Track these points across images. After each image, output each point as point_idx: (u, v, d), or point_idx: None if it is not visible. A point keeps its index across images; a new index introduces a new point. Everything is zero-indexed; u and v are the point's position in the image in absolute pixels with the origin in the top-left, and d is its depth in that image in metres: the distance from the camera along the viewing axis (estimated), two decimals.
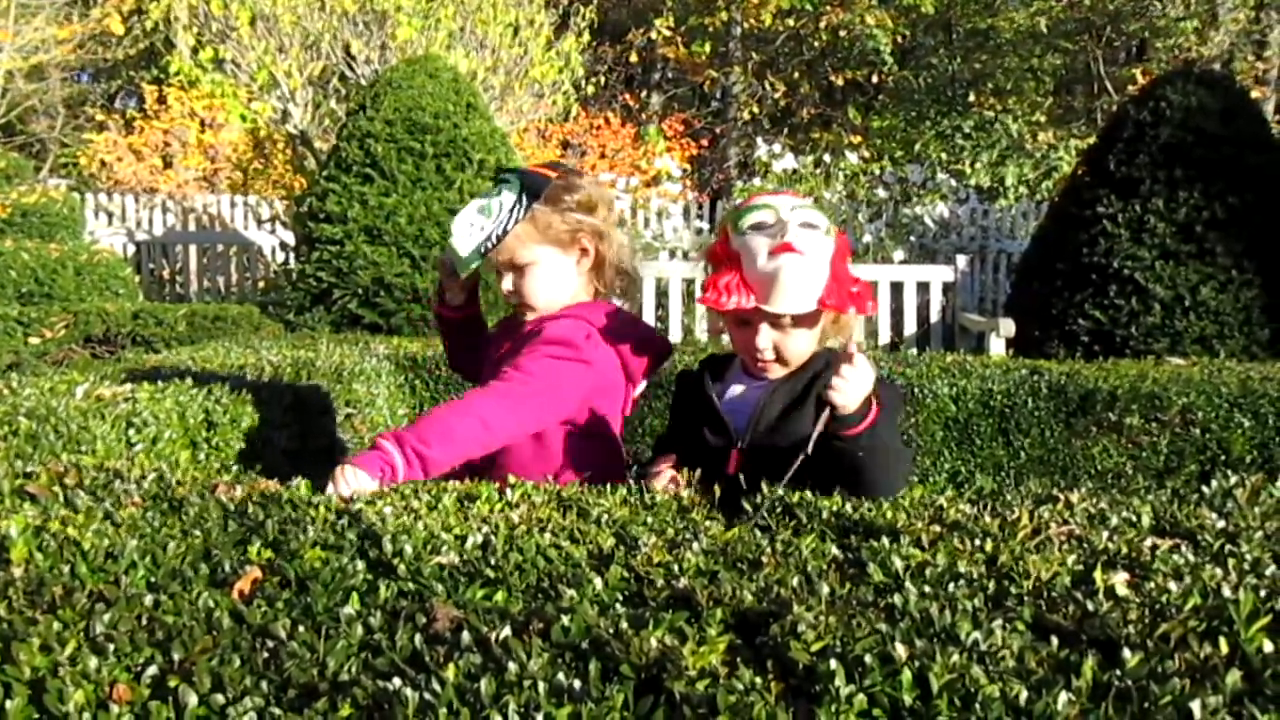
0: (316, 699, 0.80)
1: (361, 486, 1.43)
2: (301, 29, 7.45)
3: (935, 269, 6.44)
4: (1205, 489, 1.38)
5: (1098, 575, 1.01)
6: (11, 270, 5.64)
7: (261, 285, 8.88)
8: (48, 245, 6.01)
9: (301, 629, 0.90)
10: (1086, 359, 4.23)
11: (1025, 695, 0.77)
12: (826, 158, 8.55)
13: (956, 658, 0.81)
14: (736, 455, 1.56)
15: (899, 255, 7.46)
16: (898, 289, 6.14)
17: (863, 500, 1.28)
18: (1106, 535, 1.15)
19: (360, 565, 1.05)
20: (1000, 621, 0.90)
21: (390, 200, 5.08)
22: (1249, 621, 0.88)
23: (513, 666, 0.81)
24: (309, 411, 2.58)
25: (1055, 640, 0.86)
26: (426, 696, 0.78)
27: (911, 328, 6.11)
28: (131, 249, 9.24)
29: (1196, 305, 4.65)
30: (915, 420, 3.44)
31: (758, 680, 0.80)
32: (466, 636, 0.87)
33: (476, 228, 1.75)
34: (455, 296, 1.93)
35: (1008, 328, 5.15)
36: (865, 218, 8.03)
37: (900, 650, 0.82)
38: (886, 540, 1.13)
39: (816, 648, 0.84)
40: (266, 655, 0.86)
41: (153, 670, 0.84)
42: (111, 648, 0.86)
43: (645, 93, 17.44)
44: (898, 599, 0.95)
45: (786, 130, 16.14)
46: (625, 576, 1.04)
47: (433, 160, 5.19)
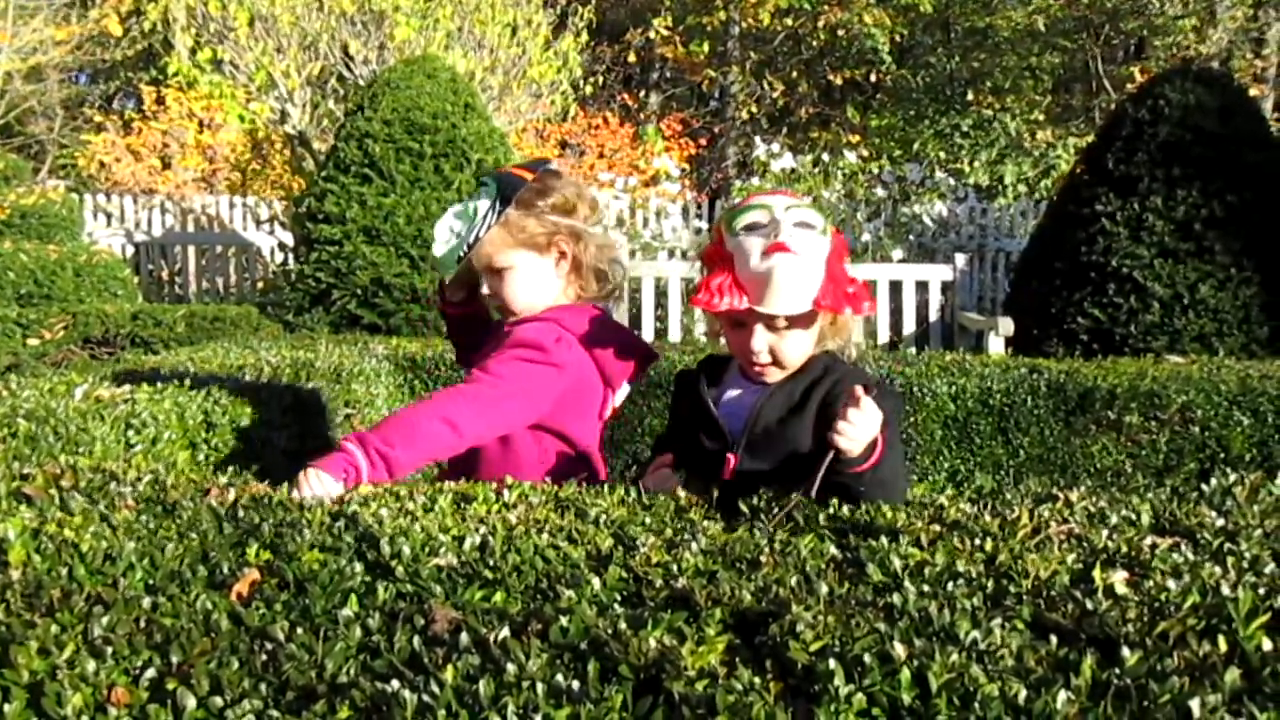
0: (315, 701, 0.80)
1: (326, 490, 1.42)
2: (299, 29, 7.44)
3: (934, 268, 6.44)
4: (1204, 487, 1.38)
5: (1097, 574, 1.01)
6: (10, 271, 5.63)
7: (260, 286, 8.87)
8: (46, 246, 6.01)
9: (300, 631, 0.90)
10: (1085, 357, 4.24)
11: (1024, 694, 0.77)
12: (825, 157, 8.54)
13: (955, 657, 0.81)
14: (732, 459, 1.53)
15: (898, 254, 7.46)
16: (896, 288, 6.14)
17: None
18: (1106, 534, 1.15)
19: (358, 567, 1.05)
20: (999, 620, 0.90)
21: (389, 200, 5.08)
22: (1248, 620, 0.88)
23: (511, 667, 0.81)
24: (308, 412, 2.58)
25: (1054, 639, 0.86)
26: (425, 698, 0.78)
27: (910, 327, 6.11)
28: (130, 250, 9.24)
29: (1195, 303, 4.65)
30: (915, 419, 3.44)
31: (757, 680, 0.80)
32: (465, 638, 0.87)
33: (454, 233, 1.77)
34: (454, 294, 1.94)
35: (1006, 326, 5.15)
36: (864, 217, 8.02)
37: (899, 649, 0.82)
38: (885, 540, 1.13)
39: (815, 647, 0.84)
40: (265, 657, 0.86)
41: (151, 673, 0.84)
42: (110, 650, 0.86)
43: (643, 92, 17.44)
44: (896, 598, 0.95)
45: (785, 129, 16.13)
46: (624, 577, 1.04)
47: (431, 160, 5.19)
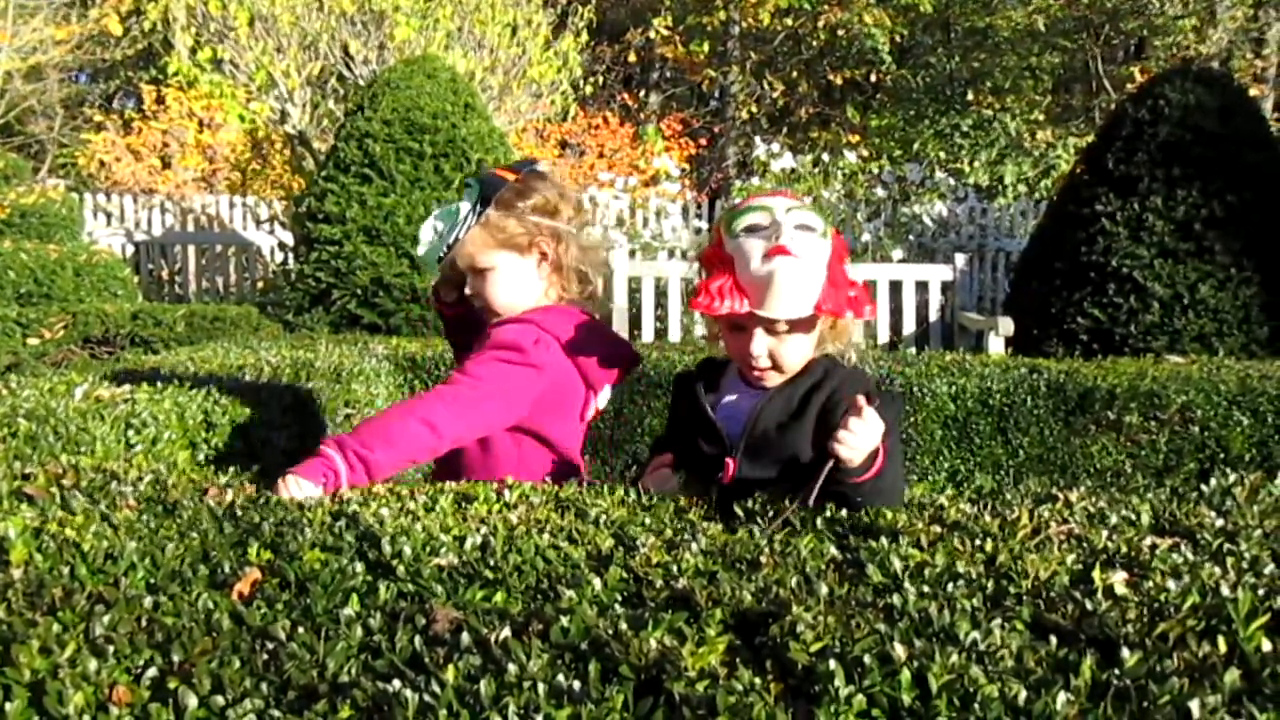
0: (316, 700, 0.80)
1: (306, 494, 1.41)
2: (299, 29, 7.44)
3: (934, 268, 6.43)
4: (1204, 487, 1.38)
5: (1096, 574, 1.02)
6: (10, 271, 5.63)
7: (260, 286, 8.87)
8: (46, 246, 6.01)
9: (301, 630, 0.90)
10: (1085, 357, 4.24)
11: (1024, 695, 0.77)
12: (825, 157, 8.54)
13: (955, 658, 0.82)
14: (731, 465, 1.51)
15: (898, 254, 7.46)
16: (896, 288, 6.14)
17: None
18: (1106, 534, 1.15)
19: (359, 567, 1.05)
20: (999, 621, 0.90)
21: (389, 200, 5.08)
22: (1248, 620, 0.88)
23: (512, 668, 0.81)
24: (308, 412, 2.58)
25: (1054, 640, 0.86)
26: (426, 698, 0.78)
27: (910, 326, 6.11)
28: (130, 249, 9.24)
29: (1195, 303, 4.65)
30: (915, 419, 3.44)
31: (757, 681, 0.81)
32: (466, 638, 0.87)
33: (436, 233, 1.79)
34: (447, 294, 1.96)
35: (1006, 326, 5.15)
36: (864, 217, 8.02)
37: (899, 650, 0.82)
38: (885, 540, 1.13)
39: (815, 648, 0.84)
40: (266, 657, 0.86)
41: (152, 672, 0.84)
42: (111, 649, 0.86)
43: (643, 92, 17.44)
44: (896, 599, 0.95)
45: (785, 129, 16.13)
46: (624, 577, 1.04)
47: (431, 160, 5.19)
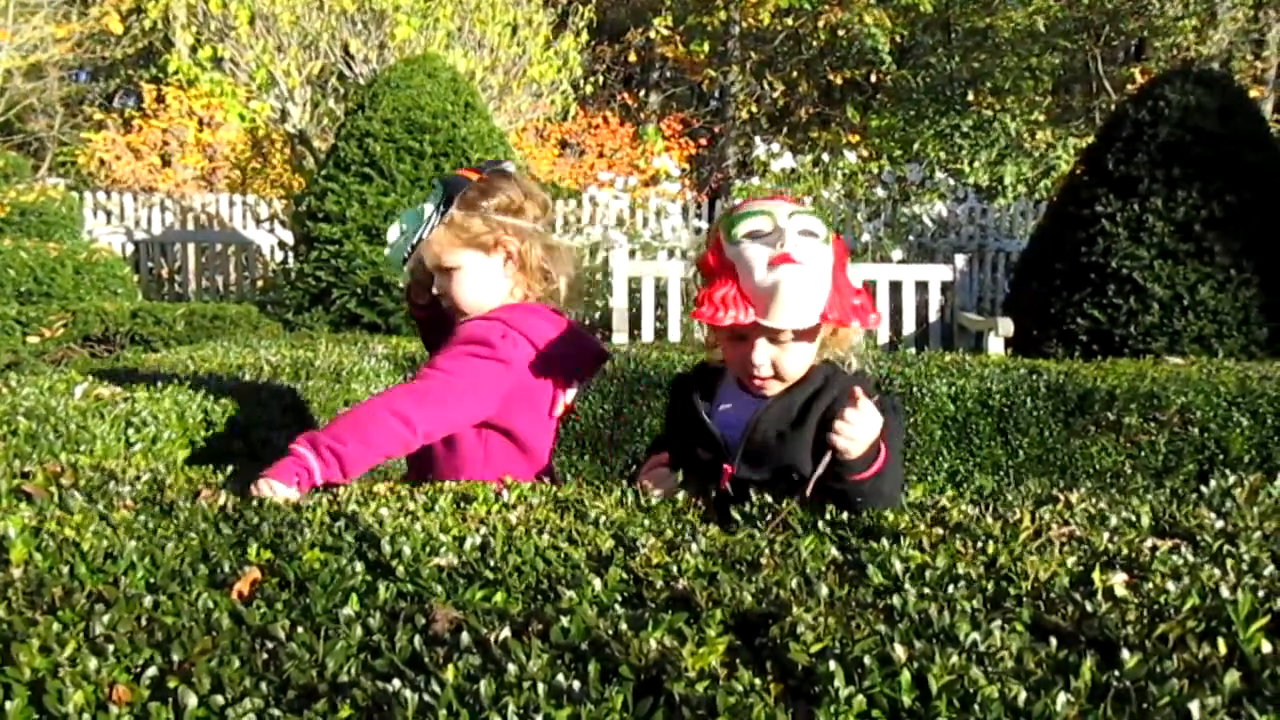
0: (316, 700, 0.80)
1: (280, 496, 1.39)
2: (300, 28, 7.44)
3: (934, 268, 6.43)
4: (1204, 488, 1.38)
5: (1096, 576, 1.02)
6: (10, 269, 5.63)
7: (260, 284, 8.87)
8: (46, 244, 6.01)
9: (301, 630, 0.90)
10: (1085, 358, 4.24)
11: (1024, 696, 0.77)
12: (825, 157, 8.54)
13: (955, 659, 0.82)
14: (729, 471, 1.49)
15: (897, 254, 7.46)
16: (896, 288, 6.14)
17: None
18: (1107, 536, 1.15)
19: (359, 566, 1.05)
20: (999, 622, 0.90)
21: (389, 199, 5.08)
22: (1247, 622, 0.88)
23: (512, 668, 0.81)
24: (308, 412, 2.58)
25: (1054, 641, 0.86)
26: (426, 698, 0.78)
27: (910, 327, 6.11)
28: (130, 248, 9.24)
29: (1195, 304, 4.65)
30: (914, 419, 3.44)
31: (757, 681, 0.81)
32: (466, 638, 0.87)
33: (402, 235, 1.80)
34: (419, 296, 1.96)
35: (1006, 327, 5.15)
36: (864, 217, 8.02)
37: (899, 651, 0.82)
38: (886, 542, 1.13)
39: (816, 649, 0.84)
40: (266, 656, 0.86)
41: (152, 671, 0.84)
42: (111, 649, 0.86)
43: (644, 92, 17.45)
44: (897, 600, 0.95)
45: (785, 129, 16.12)
46: (624, 578, 1.04)
47: (431, 160, 5.19)
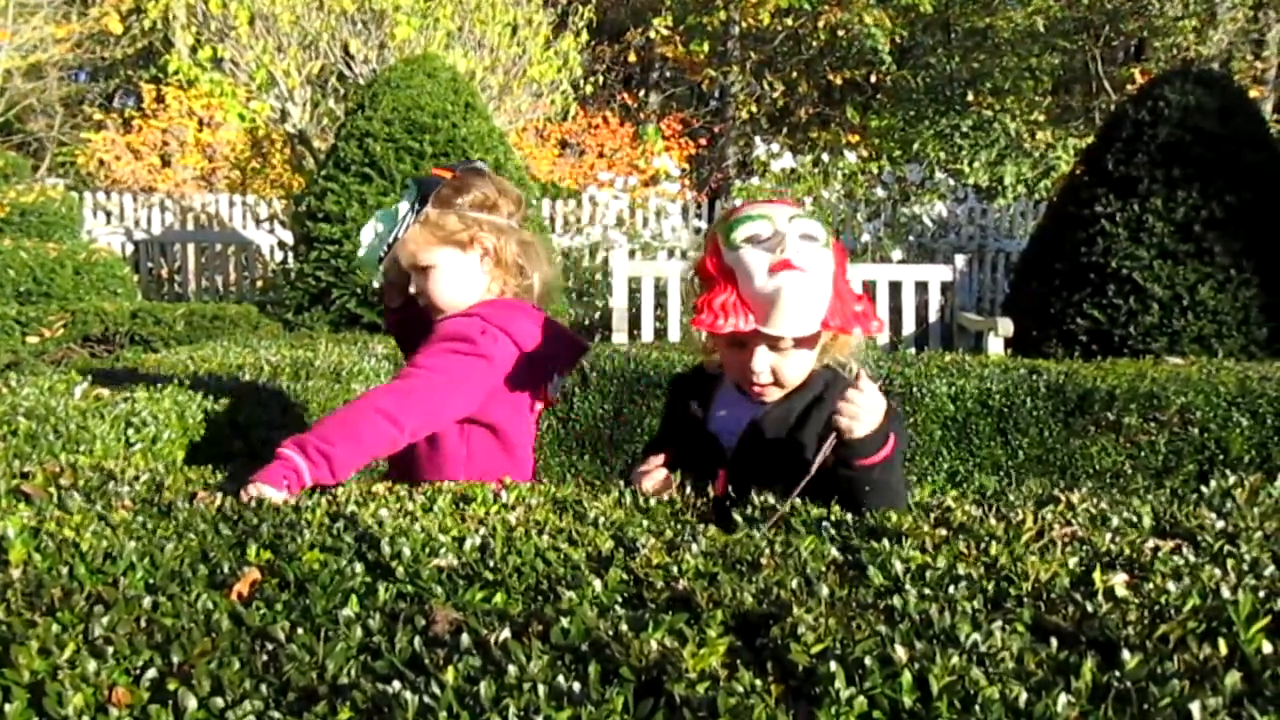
0: (316, 702, 0.80)
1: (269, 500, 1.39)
2: (300, 28, 7.44)
3: (933, 268, 6.43)
4: (1204, 488, 1.38)
5: (1097, 576, 1.01)
6: (10, 269, 5.63)
7: (260, 284, 8.86)
8: (46, 244, 6.00)
9: (300, 631, 0.90)
10: (1085, 358, 4.23)
11: (1025, 697, 0.77)
12: (825, 157, 8.55)
13: (956, 660, 0.81)
14: (724, 475, 1.46)
15: (897, 254, 7.46)
16: (896, 288, 6.14)
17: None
18: (1109, 537, 1.15)
19: (359, 567, 1.05)
20: (1000, 623, 0.90)
21: (389, 200, 5.07)
22: (1248, 623, 0.88)
23: (512, 669, 0.81)
24: (308, 412, 2.58)
25: (1055, 641, 0.86)
26: (426, 699, 0.77)
27: (910, 327, 6.10)
28: (130, 248, 9.23)
29: (1195, 304, 4.65)
30: (914, 420, 3.44)
31: (758, 682, 0.80)
32: (466, 639, 0.87)
33: (377, 235, 1.80)
34: (393, 299, 1.96)
35: (1006, 327, 5.15)
36: (863, 217, 8.02)
37: (900, 652, 0.82)
38: (887, 542, 1.13)
39: (816, 650, 0.84)
40: (266, 658, 0.86)
41: (152, 673, 0.83)
42: (110, 650, 0.86)
43: (643, 92, 17.44)
44: (897, 601, 0.95)
45: (785, 129, 16.12)
46: (624, 579, 1.04)
47: (431, 160, 5.18)
